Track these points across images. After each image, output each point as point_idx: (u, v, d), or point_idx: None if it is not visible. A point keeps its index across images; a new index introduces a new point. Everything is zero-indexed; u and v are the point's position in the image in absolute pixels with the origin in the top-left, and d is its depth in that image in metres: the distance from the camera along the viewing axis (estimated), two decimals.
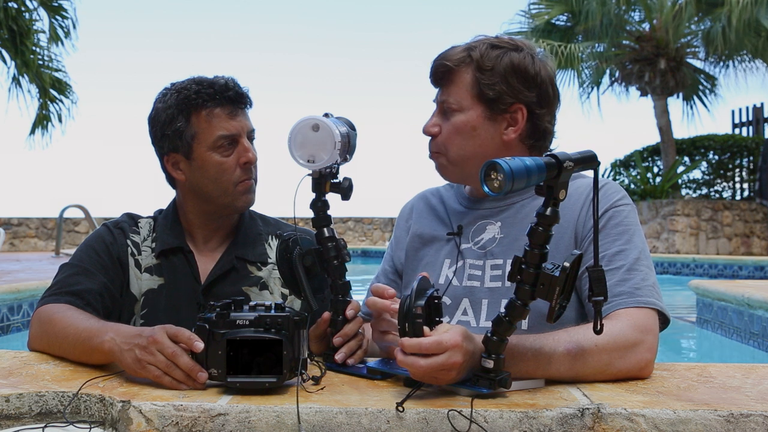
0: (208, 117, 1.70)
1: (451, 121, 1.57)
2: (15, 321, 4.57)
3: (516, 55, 1.56)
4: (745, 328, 4.34)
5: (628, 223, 1.50)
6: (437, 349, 1.17)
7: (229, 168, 1.72)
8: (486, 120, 1.56)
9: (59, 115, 13.43)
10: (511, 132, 1.58)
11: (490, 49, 1.56)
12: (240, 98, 1.73)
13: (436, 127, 1.60)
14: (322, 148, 1.37)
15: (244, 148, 1.72)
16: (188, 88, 1.71)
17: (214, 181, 1.73)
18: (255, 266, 1.80)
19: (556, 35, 14.18)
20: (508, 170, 1.09)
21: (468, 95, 1.56)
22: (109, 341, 1.35)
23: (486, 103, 1.56)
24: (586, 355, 1.29)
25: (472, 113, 1.56)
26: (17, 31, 11.93)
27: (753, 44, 12.74)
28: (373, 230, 17.30)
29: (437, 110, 1.62)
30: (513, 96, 1.55)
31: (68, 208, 10.66)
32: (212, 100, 1.70)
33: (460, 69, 1.57)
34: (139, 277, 1.75)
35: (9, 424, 1.21)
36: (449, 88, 1.58)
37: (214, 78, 1.74)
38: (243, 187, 1.74)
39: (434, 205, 1.74)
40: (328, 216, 1.45)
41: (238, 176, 1.72)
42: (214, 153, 1.71)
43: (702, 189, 15.10)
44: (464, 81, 1.56)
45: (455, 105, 1.57)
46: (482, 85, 1.55)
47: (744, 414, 1.12)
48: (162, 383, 1.26)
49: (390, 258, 1.78)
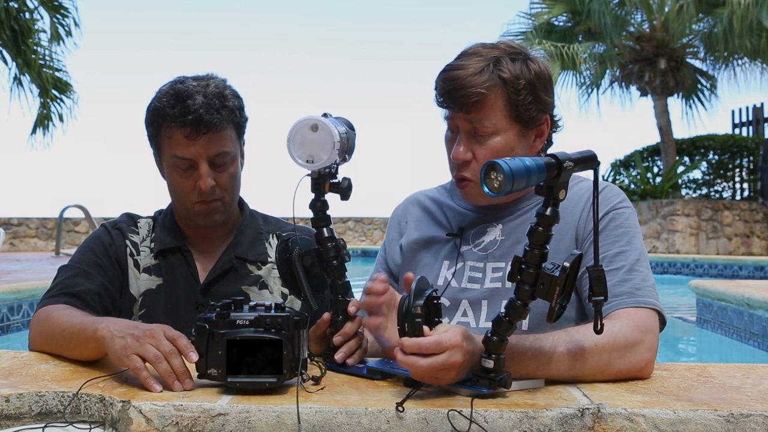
0: (168, 134, 1.67)
1: (488, 145, 1.51)
2: (15, 321, 4.57)
3: (534, 65, 1.53)
4: (745, 328, 4.34)
5: (628, 225, 1.51)
6: (437, 349, 1.17)
7: (186, 188, 1.70)
8: (521, 138, 1.54)
9: (60, 115, 13.43)
10: (539, 143, 1.58)
11: (511, 64, 1.50)
12: (199, 124, 1.63)
13: (469, 153, 1.53)
14: (321, 148, 1.37)
15: (199, 174, 1.67)
16: (161, 100, 1.68)
17: (176, 195, 1.74)
18: (255, 265, 1.79)
19: (556, 35, 14.18)
20: (508, 170, 1.09)
21: (504, 117, 1.51)
22: (103, 329, 1.34)
23: (522, 122, 1.52)
24: (586, 355, 1.29)
25: (509, 134, 1.52)
26: (18, 30, 11.93)
27: (754, 45, 12.74)
28: (373, 230, 17.30)
29: (465, 135, 1.53)
30: (543, 110, 1.54)
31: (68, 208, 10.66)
32: (174, 120, 1.64)
33: (491, 92, 1.49)
34: (137, 277, 1.75)
35: (9, 424, 1.21)
36: (481, 113, 1.50)
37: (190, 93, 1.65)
38: (199, 208, 1.71)
39: (429, 208, 1.73)
40: (328, 216, 1.45)
41: (195, 198, 1.70)
42: (173, 171, 1.70)
43: (702, 189, 15.10)
44: (498, 104, 1.50)
45: (491, 129, 1.50)
46: (519, 105, 1.50)
47: (744, 414, 1.12)
48: (138, 377, 1.25)
49: (384, 260, 1.76)
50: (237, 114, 1.71)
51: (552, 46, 13.35)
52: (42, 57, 12.67)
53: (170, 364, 1.25)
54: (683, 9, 13.05)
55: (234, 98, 1.71)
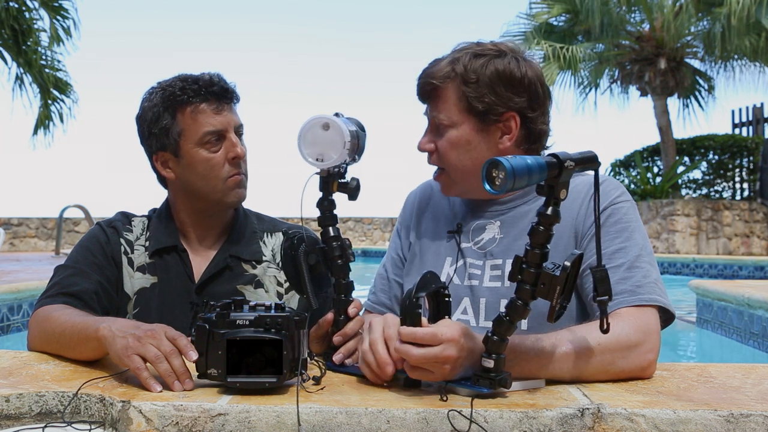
0: (193, 113, 1.70)
1: (445, 137, 1.55)
2: (15, 321, 4.57)
3: (500, 62, 1.52)
4: (745, 328, 4.34)
5: (627, 220, 1.49)
6: (431, 341, 1.17)
7: (218, 164, 1.71)
8: (479, 132, 1.54)
9: (60, 114, 13.43)
10: (506, 140, 1.55)
11: (473, 59, 1.52)
12: (225, 93, 1.72)
13: (430, 144, 1.58)
14: (331, 147, 1.37)
15: (231, 143, 1.71)
16: (173, 86, 1.71)
17: (204, 177, 1.72)
18: (249, 264, 1.80)
19: (556, 36, 14.18)
20: (510, 168, 1.09)
21: (457, 110, 1.53)
22: (104, 329, 1.34)
23: (477, 115, 1.53)
24: (588, 356, 1.28)
25: (464, 127, 1.54)
26: (19, 30, 11.93)
27: (753, 44, 12.75)
28: (373, 230, 17.30)
29: (429, 127, 1.59)
30: (503, 105, 1.53)
31: (68, 208, 10.67)
32: (197, 96, 1.69)
33: (445, 84, 1.53)
34: (131, 275, 1.75)
35: (9, 424, 1.21)
36: (438, 105, 1.55)
37: (200, 74, 1.73)
38: (233, 182, 1.73)
39: (439, 200, 1.72)
40: (334, 215, 1.45)
41: (227, 171, 1.72)
42: (202, 149, 1.70)
43: (702, 189, 15.11)
44: (451, 96, 1.53)
45: (446, 121, 1.54)
46: (470, 98, 1.52)
47: (744, 414, 1.12)
48: (139, 377, 1.25)
49: (399, 246, 1.76)
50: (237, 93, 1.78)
51: (550, 46, 13.35)
52: (43, 57, 12.67)
53: (170, 364, 1.25)
54: (682, 9, 13.05)
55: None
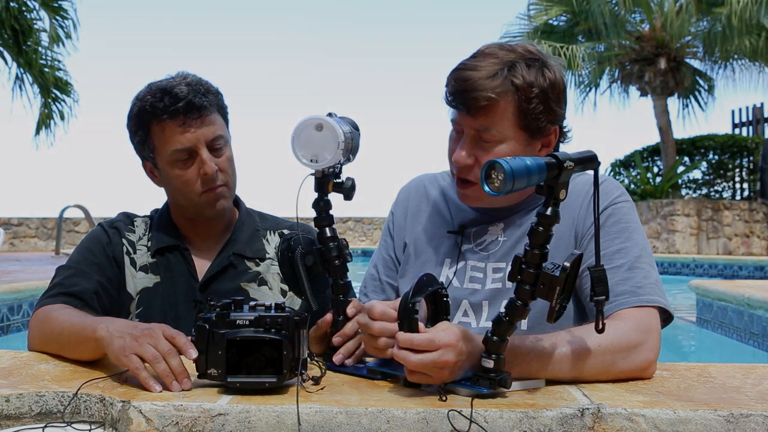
0: (162, 131, 1.67)
1: (493, 152, 1.46)
2: (15, 321, 4.57)
3: (550, 74, 1.46)
4: (745, 328, 4.34)
5: (627, 220, 1.49)
6: (428, 346, 1.17)
7: (190, 180, 1.69)
8: (526, 147, 1.49)
9: (61, 114, 13.42)
10: (544, 151, 1.52)
11: (526, 70, 1.44)
12: (191, 109, 1.64)
13: (471, 159, 1.49)
14: (325, 147, 1.36)
15: (201, 160, 1.67)
16: (144, 100, 1.68)
17: (180, 192, 1.72)
18: (253, 262, 1.79)
19: (556, 36, 14.18)
20: (509, 170, 1.09)
21: (511, 125, 1.46)
22: (102, 329, 1.34)
23: (529, 131, 1.48)
24: (588, 356, 1.28)
25: (514, 143, 1.47)
26: (19, 30, 11.93)
27: (753, 44, 12.75)
28: (373, 230, 17.30)
29: (469, 139, 1.48)
30: (553, 120, 1.49)
31: (68, 208, 10.67)
32: (165, 113, 1.65)
33: (502, 99, 1.44)
34: (134, 275, 1.75)
35: (9, 424, 1.21)
36: (489, 119, 1.45)
37: (169, 86, 1.66)
38: (206, 197, 1.71)
39: (435, 198, 1.69)
40: (330, 216, 1.45)
41: (200, 188, 1.70)
42: (173, 167, 1.69)
43: (702, 189, 15.11)
44: (508, 111, 1.45)
45: (497, 137, 1.46)
46: (529, 114, 1.45)
47: (744, 414, 1.12)
48: (137, 377, 1.25)
49: (391, 247, 1.72)
50: (221, 99, 1.74)
51: (550, 46, 13.35)
52: (43, 57, 12.67)
53: (168, 364, 1.25)
54: (683, 9, 13.05)
55: (213, 85, 1.74)
